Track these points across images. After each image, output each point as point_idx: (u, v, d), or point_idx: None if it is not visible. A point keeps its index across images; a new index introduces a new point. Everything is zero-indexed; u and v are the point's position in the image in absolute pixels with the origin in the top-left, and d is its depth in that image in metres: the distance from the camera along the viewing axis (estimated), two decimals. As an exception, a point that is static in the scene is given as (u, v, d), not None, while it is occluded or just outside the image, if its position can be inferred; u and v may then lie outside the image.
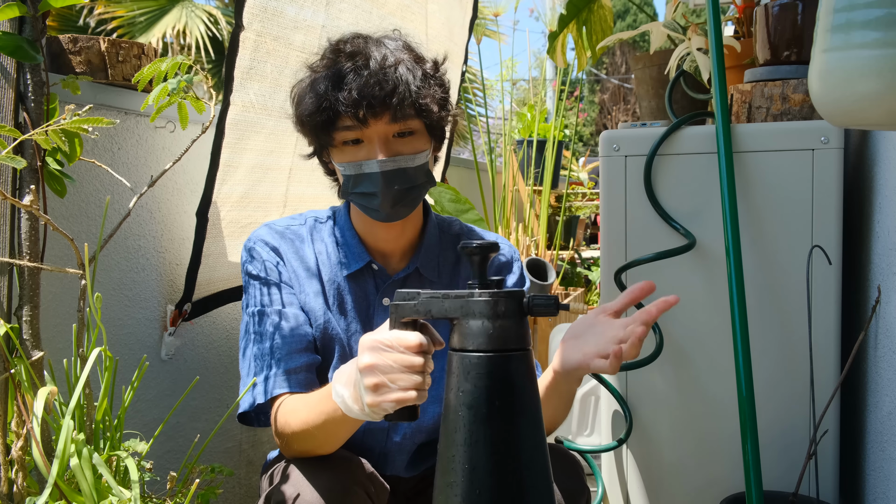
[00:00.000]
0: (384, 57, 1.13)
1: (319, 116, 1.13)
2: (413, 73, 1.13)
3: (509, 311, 0.80)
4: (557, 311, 0.82)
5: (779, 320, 1.36)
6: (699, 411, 1.42)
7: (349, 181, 1.16)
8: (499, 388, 0.78)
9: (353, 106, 1.10)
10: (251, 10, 1.59)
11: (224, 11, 5.97)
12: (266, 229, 1.25)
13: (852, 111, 0.64)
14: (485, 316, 0.79)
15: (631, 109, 11.17)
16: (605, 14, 1.91)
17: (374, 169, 1.13)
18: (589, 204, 4.00)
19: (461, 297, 0.81)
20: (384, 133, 1.13)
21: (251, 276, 1.22)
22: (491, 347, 0.79)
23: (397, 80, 1.11)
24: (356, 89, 1.09)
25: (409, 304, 0.86)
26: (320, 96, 1.12)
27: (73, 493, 1.01)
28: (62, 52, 1.45)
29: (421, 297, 0.85)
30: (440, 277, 1.26)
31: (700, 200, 1.39)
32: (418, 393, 0.87)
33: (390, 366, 0.87)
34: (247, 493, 1.86)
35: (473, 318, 0.80)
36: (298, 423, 1.07)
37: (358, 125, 1.12)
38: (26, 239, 1.13)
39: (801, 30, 1.41)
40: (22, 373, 1.09)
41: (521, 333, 0.81)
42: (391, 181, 1.13)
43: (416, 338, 0.87)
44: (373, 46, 1.15)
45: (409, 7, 2.24)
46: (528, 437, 0.79)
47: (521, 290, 0.82)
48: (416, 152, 1.15)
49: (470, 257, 0.83)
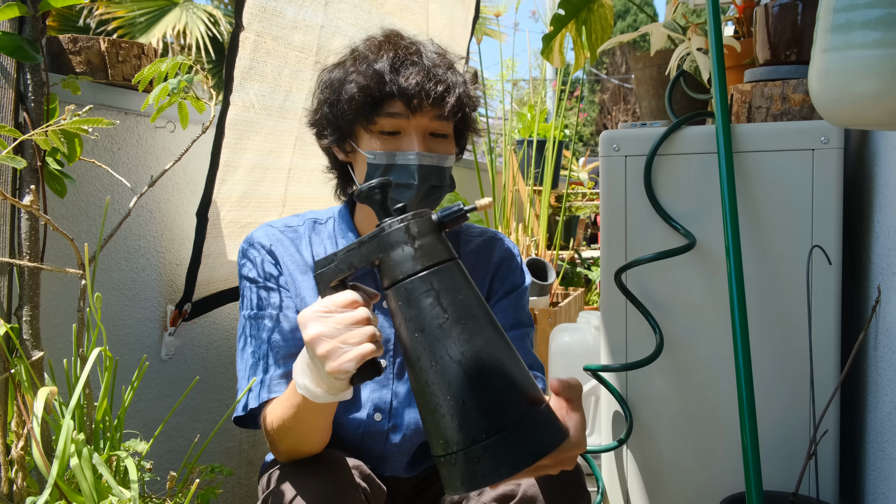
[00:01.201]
0: (434, 55, 1.14)
1: (368, 96, 1.11)
2: (463, 79, 1.15)
3: (424, 230, 0.81)
4: (467, 217, 0.83)
5: (779, 320, 1.36)
6: (699, 411, 1.42)
7: (377, 170, 1.14)
8: (441, 302, 0.78)
9: (409, 93, 1.09)
10: (251, 10, 1.59)
11: (224, 12, 5.97)
12: (263, 231, 1.24)
13: (852, 111, 0.64)
14: (403, 242, 0.80)
15: (631, 109, 11.17)
16: (606, 13, 1.91)
17: (411, 161, 1.12)
18: (589, 204, 4.00)
19: (375, 237, 0.82)
20: (425, 128, 1.14)
21: (246, 279, 1.21)
22: (421, 267, 0.79)
23: (453, 81, 1.13)
24: (415, 77, 1.09)
25: (330, 267, 0.87)
26: (374, 76, 1.11)
27: (73, 493, 1.01)
28: (62, 52, 1.45)
29: (339, 255, 0.86)
30: None
31: (700, 200, 1.39)
32: (374, 344, 0.86)
33: (336, 328, 0.85)
34: (247, 493, 1.86)
35: (393, 249, 0.80)
36: (276, 422, 1.07)
37: (406, 113, 1.11)
38: (26, 239, 1.13)
39: (801, 30, 1.41)
40: (22, 373, 1.09)
41: (443, 246, 0.82)
42: (427, 175, 1.13)
43: (349, 294, 0.87)
44: (419, 44, 1.16)
45: (410, 7, 2.24)
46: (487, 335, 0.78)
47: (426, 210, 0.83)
48: (448, 154, 1.17)
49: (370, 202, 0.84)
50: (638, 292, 1.41)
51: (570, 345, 2.14)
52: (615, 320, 1.45)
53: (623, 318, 1.45)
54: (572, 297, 2.99)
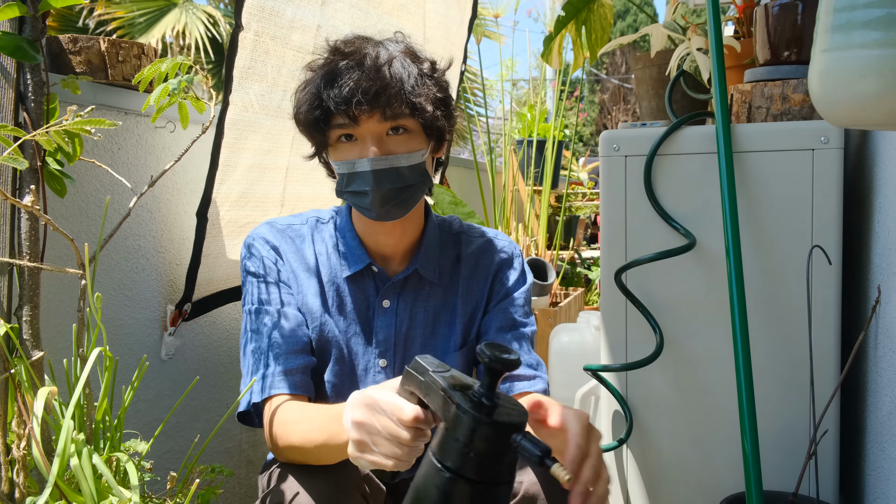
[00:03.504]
0: (378, 55, 1.13)
1: (313, 114, 1.13)
2: (407, 71, 1.13)
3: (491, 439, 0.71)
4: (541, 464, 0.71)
5: (779, 320, 1.36)
6: (699, 411, 1.42)
7: (343, 179, 1.16)
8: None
9: (344, 103, 1.09)
10: (250, 10, 1.59)
11: (224, 12, 5.97)
12: (267, 227, 1.25)
13: (852, 111, 0.64)
14: (463, 437, 0.71)
15: (631, 109, 11.17)
16: (606, 12, 1.91)
17: (365, 167, 1.12)
18: (589, 204, 4.00)
19: (449, 401, 0.73)
20: (377, 131, 1.12)
21: (250, 274, 1.22)
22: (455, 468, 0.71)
23: (390, 77, 1.11)
24: (347, 86, 1.09)
25: (416, 378, 0.81)
26: (314, 95, 1.13)
27: (73, 493, 1.01)
28: (62, 52, 1.45)
29: (427, 375, 0.78)
30: (440, 278, 1.25)
31: (700, 200, 1.39)
32: (395, 463, 0.84)
33: (377, 429, 0.83)
34: (247, 493, 1.86)
35: (453, 430, 0.71)
36: (299, 438, 1.06)
37: (350, 123, 1.11)
38: (26, 239, 1.13)
39: (801, 30, 1.41)
40: (22, 373, 1.08)
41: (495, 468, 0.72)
42: (382, 180, 1.12)
43: (411, 411, 0.81)
44: (370, 46, 1.15)
45: (406, 7, 2.24)
46: None
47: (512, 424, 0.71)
48: (411, 151, 1.14)
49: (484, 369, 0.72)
50: (638, 292, 1.41)
51: (569, 345, 2.14)
52: (615, 320, 1.45)
53: (623, 318, 1.45)
54: (572, 297, 3.00)
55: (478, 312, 1.27)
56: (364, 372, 1.23)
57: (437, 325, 1.25)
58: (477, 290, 1.27)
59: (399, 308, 1.23)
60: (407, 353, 1.24)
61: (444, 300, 1.25)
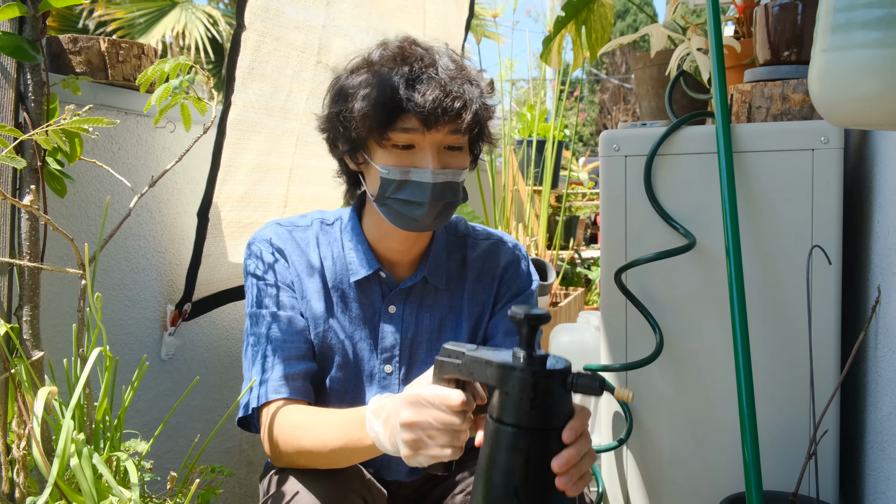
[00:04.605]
0: (450, 68, 1.11)
1: (382, 111, 1.08)
2: (479, 90, 1.13)
3: (551, 388, 0.78)
4: (601, 392, 0.80)
5: (779, 320, 1.36)
6: (699, 411, 1.42)
7: (391, 185, 1.11)
8: (533, 467, 0.78)
9: (424, 109, 1.06)
10: (252, 10, 1.59)
11: (223, 12, 5.97)
12: (272, 229, 1.23)
13: (852, 111, 0.64)
14: (525, 393, 0.77)
15: (631, 109, 11.17)
16: (606, 12, 1.91)
17: (426, 178, 1.10)
18: (589, 204, 4.01)
19: (505, 368, 0.79)
20: (439, 143, 1.11)
21: (253, 276, 1.20)
22: (528, 425, 0.78)
23: (471, 95, 1.10)
24: (431, 93, 1.06)
25: (453, 363, 0.86)
26: (388, 92, 1.08)
27: (74, 493, 1.01)
28: (62, 52, 1.45)
29: (465, 357, 0.84)
30: (448, 284, 1.24)
31: (700, 200, 1.39)
32: (453, 450, 0.87)
33: (430, 423, 0.87)
34: (247, 493, 1.86)
35: (514, 392, 0.78)
36: (313, 442, 1.06)
37: (420, 129, 1.08)
38: (26, 239, 1.13)
39: (801, 30, 1.41)
40: (22, 373, 1.08)
41: (560, 412, 0.79)
42: (441, 193, 1.11)
43: (458, 396, 0.86)
44: (438, 56, 1.13)
45: (407, 7, 2.24)
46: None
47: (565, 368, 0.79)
48: (462, 168, 1.14)
49: (518, 328, 0.79)
50: (638, 292, 1.41)
51: (569, 345, 2.14)
52: (615, 320, 1.45)
53: (623, 318, 1.45)
54: (572, 297, 3.00)
55: (484, 315, 1.26)
56: (369, 378, 1.22)
57: (443, 329, 1.24)
58: (483, 294, 1.26)
59: (405, 314, 1.22)
60: (412, 358, 1.23)
61: (450, 305, 1.25)
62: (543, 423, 0.78)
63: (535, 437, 0.78)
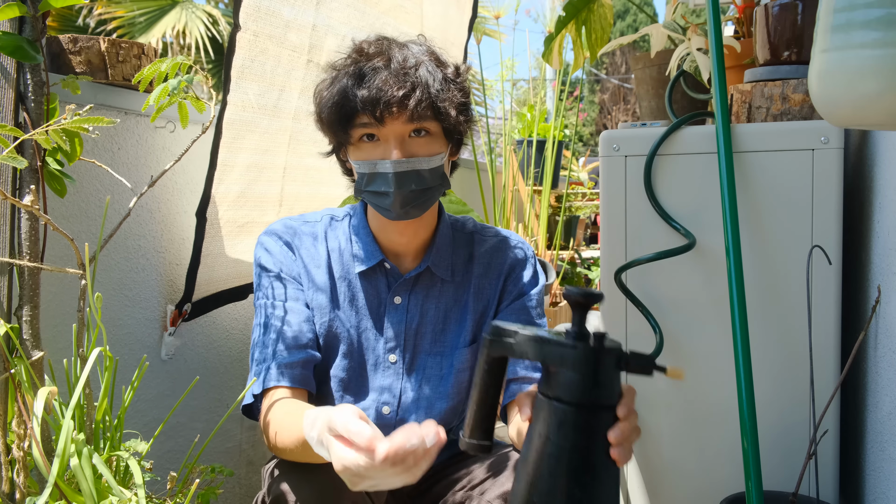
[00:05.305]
0: (405, 58, 1.14)
1: (338, 113, 1.14)
2: (433, 76, 1.15)
3: (610, 368, 0.79)
4: (652, 372, 0.80)
5: (779, 320, 1.36)
6: (699, 411, 1.42)
7: (363, 179, 1.17)
8: (585, 443, 0.78)
9: (371, 104, 1.11)
10: (247, 11, 1.60)
11: (223, 11, 5.97)
12: (282, 223, 1.28)
13: (852, 111, 0.64)
14: (583, 371, 0.78)
15: (631, 109, 11.18)
16: (606, 12, 1.91)
17: (387, 169, 1.13)
18: (589, 204, 4.00)
19: (560, 346, 0.79)
20: (400, 132, 1.14)
21: (262, 268, 1.24)
22: (583, 401, 0.78)
23: (417, 80, 1.12)
24: (375, 87, 1.11)
25: (504, 342, 0.83)
26: (340, 93, 1.14)
27: (74, 493, 1.01)
28: (62, 52, 1.45)
29: (519, 335, 0.82)
30: (453, 276, 1.27)
31: (700, 200, 1.39)
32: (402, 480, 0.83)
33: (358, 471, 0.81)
34: (247, 493, 1.86)
35: (568, 369, 0.78)
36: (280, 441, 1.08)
37: (374, 123, 1.13)
38: (26, 239, 1.13)
39: (801, 30, 1.41)
40: (22, 373, 1.08)
41: (616, 389, 0.80)
42: (404, 182, 1.14)
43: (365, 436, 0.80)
44: (395, 48, 1.16)
45: (404, 6, 2.24)
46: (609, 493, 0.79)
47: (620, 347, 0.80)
48: (432, 154, 1.16)
49: (573, 307, 0.79)
50: (638, 292, 1.41)
51: (569, 345, 2.14)
52: (615, 320, 1.45)
53: (623, 318, 1.45)
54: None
55: (489, 310, 1.28)
56: (374, 367, 1.25)
57: (448, 321, 1.27)
58: (489, 289, 1.28)
59: (410, 304, 1.25)
60: (417, 348, 1.26)
61: (455, 297, 1.27)
62: (603, 400, 0.79)
63: (596, 414, 0.79)
